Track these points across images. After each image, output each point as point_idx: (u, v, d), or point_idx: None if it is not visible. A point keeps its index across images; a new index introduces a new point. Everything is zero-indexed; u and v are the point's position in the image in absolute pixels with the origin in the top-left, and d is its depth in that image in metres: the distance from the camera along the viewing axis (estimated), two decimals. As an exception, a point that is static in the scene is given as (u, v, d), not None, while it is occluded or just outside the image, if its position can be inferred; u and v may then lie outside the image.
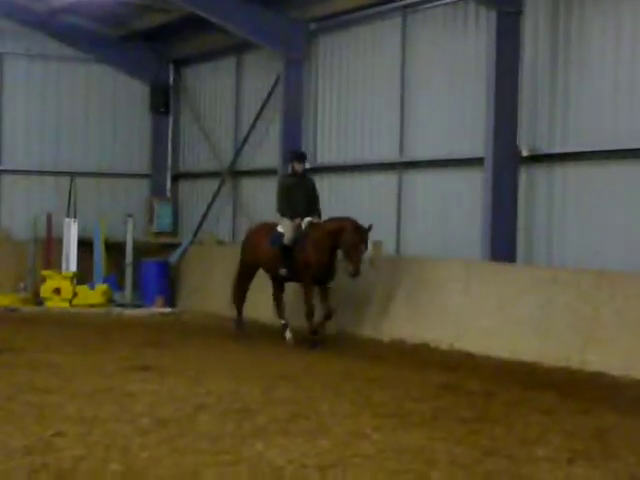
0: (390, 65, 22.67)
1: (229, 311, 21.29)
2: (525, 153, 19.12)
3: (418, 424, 11.42)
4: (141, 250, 27.26)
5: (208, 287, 25.01)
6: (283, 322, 19.70)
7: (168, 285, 26.23)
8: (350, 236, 17.93)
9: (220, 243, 27.44)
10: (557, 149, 18.71)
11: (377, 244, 20.59)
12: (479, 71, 19.68)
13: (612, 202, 17.51)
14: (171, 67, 30.39)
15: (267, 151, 26.29)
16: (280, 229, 19.36)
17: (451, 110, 20.93)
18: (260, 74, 26.80)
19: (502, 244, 18.87)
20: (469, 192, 20.09)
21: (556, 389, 13.82)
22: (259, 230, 20.51)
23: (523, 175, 19.25)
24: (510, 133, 18.97)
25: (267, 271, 19.92)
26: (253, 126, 26.98)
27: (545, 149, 18.94)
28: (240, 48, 27.22)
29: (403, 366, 15.84)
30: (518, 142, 19.10)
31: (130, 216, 27.06)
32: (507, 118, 18.93)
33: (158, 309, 25.17)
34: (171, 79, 30.39)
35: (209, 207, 28.72)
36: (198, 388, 13.48)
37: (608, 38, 17.87)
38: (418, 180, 22.03)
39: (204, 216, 28.78)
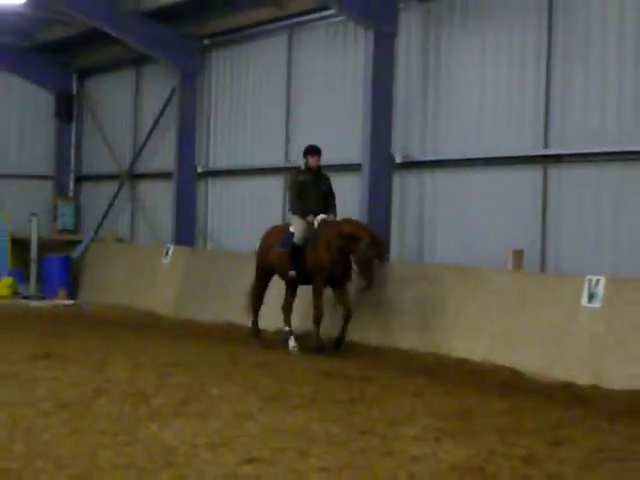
0: (277, 78, 22.73)
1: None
2: (399, 160, 19.31)
3: (299, 406, 11.45)
4: (46, 246, 26.95)
5: (108, 281, 24.83)
6: (288, 329, 17.12)
7: (70, 279, 25.96)
8: (367, 249, 15.50)
9: (119, 240, 27.32)
10: (427, 157, 18.93)
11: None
12: (358, 85, 19.80)
13: (476, 205, 17.78)
14: (75, 77, 30.06)
15: (163, 156, 26.19)
16: (292, 229, 16.89)
17: (333, 120, 21.02)
18: (157, 85, 26.70)
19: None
20: (349, 195, 20.19)
21: (426, 374, 13.97)
22: (271, 234, 17.77)
23: (397, 180, 19.45)
24: (385, 142, 19.14)
25: (280, 275, 17.30)
26: (150, 133, 26.85)
27: (417, 157, 19.15)
28: (139, 61, 27.08)
29: (288, 353, 15.89)
30: (392, 150, 19.29)
31: (34, 215, 26.73)
32: (383, 129, 19.09)
33: (61, 301, 24.88)
34: (75, 88, 30.09)
35: (109, 207, 28.50)
36: (98, 374, 13.34)
37: (473, 58, 18.15)
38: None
39: (104, 215, 28.57)
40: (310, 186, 16.82)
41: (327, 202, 16.90)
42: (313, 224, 16.53)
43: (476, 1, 18.14)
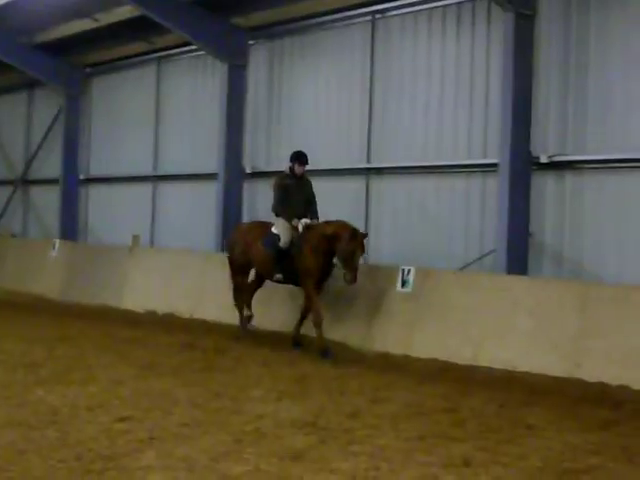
0: (147, 101, 22.65)
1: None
2: (248, 170, 19.36)
3: (165, 374, 11.40)
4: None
5: (3, 270, 24.33)
6: (248, 314, 15.11)
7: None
8: (347, 243, 13.38)
9: (13, 236, 26.84)
10: (273, 167, 18.98)
11: (136, 237, 20.50)
12: (215, 108, 19.79)
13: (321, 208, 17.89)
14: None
15: (51, 165, 25.81)
16: (275, 230, 14.49)
17: (194, 137, 21.02)
18: (46, 105, 26.45)
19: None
20: (207, 200, 20.18)
21: (270, 346, 14.00)
22: (252, 229, 15.28)
23: (246, 187, 19.49)
24: (237, 155, 19.25)
25: (260, 273, 15.07)
26: (40, 145, 26.51)
27: (263, 168, 19.21)
28: (32, 84, 26.71)
29: (155, 330, 15.77)
30: (243, 162, 19.35)
31: None
32: (235, 144, 19.22)
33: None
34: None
35: (4, 208, 28.01)
36: (-7, 348, 13.14)
37: (310, 87, 18.31)
38: (169, 190, 22.06)
39: (0, 215, 28.07)
40: (294, 190, 14.59)
41: (309, 207, 14.63)
42: (297, 228, 14.26)
43: (313, 40, 18.31)
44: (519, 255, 14.11)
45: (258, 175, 19.33)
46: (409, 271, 13.96)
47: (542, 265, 14.18)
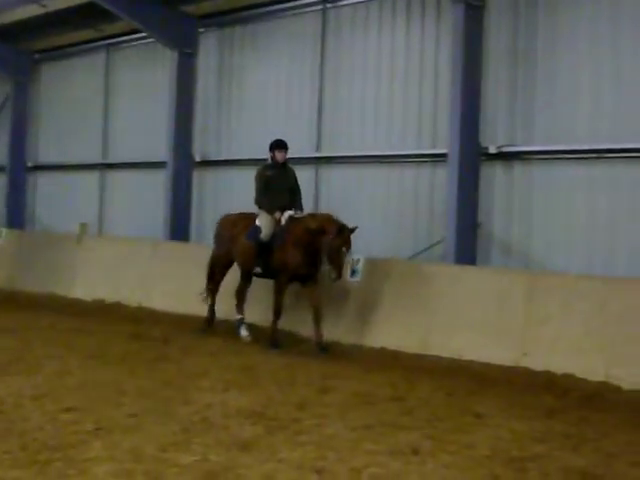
0: (97, 88, 22.46)
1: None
2: (198, 159, 19.27)
3: (112, 363, 11.32)
4: None
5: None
6: (240, 317, 14.37)
7: None
8: (333, 239, 12.72)
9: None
10: (222, 157, 18.96)
11: (84, 225, 20.37)
12: (164, 95, 19.67)
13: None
14: None
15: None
16: (258, 222, 13.86)
17: (144, 125, 20.88)
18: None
19: (180, 228, 19.02)
20: (156, 188, 20.07)
21: (220, 336, 13.97)
22: (237, 222, 14.53)
23: (196, 176, 19.40)
24: (187, 143, 19.14)
25: (241, 267, 14.36)
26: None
27: (213, 157, 19.14)
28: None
29: (103, 319, 15.67)
30: (192, 151, 19.26)
31: None
32: (184, 133, 19.12)
33: None
34: None
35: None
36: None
37: (261, 76, 18.27)
38: (118, 178, 21.91)
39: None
40: (276, 180, 13.91)
41: (293, 197, 13.96)
42: (280, 221, 13.63)
43: (264, 28, 18.25)
44: (468, 245, 14.18)
45: (207, 164, 19.26)
46: (358, 260, 13.97)
47: (490, 255, 14.26)
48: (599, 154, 13.02)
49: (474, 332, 12.32)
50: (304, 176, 17.15)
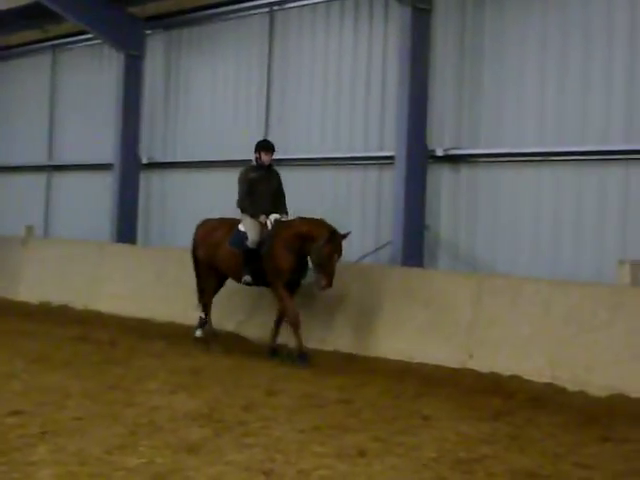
0: (42, 90, 22.31)
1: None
2: (145, 161, 19.19)
3: (58, 367, 11.20)
4: None
5: None
6: (202, 316, 13.84)
7: None
8: (324, 245, 11.99)
9: None
10: (168, 159, 18.90)
11: (29, 228, 20.19)
12: (111, 97, 19.56)
13: (207, 198, 17.84)
14: None
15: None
16: (242, 228, 13.06)
17: (90, 126, 20.77)
18: None
19: (126, 230, 18.92)
20: (103, 190, 19.96)
21: (165, 339, 13.90)
22: (218, 227, 13.70)
23: (143, 178, 19.31)
24: (133, 145, 19.11)
25: (228, 275, 13.54)
26: None
27: (160, 159, 19.06)
28: None
29: (49, 322, 15.51)
30: (140, 152, 19.16)
31: None
32: (131, 134, 19.08)
33: None
34: None
35: None
36: None
37: (207, 78, 18.24)
38: (64, 180, 21.75)
39: None
40: (261, 183, 13.12)
41: (278, 201, 13.24)
42: (266, 225, 12.91)
43: (211, 31, 18.24)
44: (415, 247, 14.23)
45: (154, 166, 19.19)
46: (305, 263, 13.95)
47: (437, 257, 14.33)
48: (544, 157, 13.13)
49: (422, 334, 12.36)
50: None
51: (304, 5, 16.53)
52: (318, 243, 12.08)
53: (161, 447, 7.51)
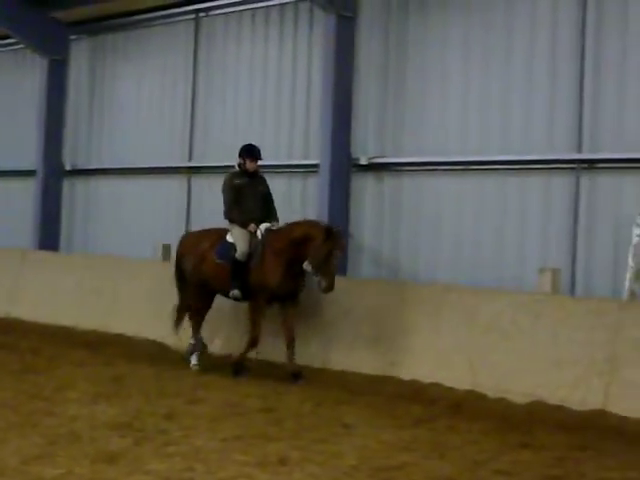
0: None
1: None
2: (68, 167, 19.00)
3: (-26, 377, 11.08)
4: None
5: None
6: (193, 342, 12.65)
7: None
8: (321, 244, 11.25)
9: None
10: (93, 166, 18.74)
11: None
12: (34, 103, 19.32)
13: (130, 205, 17.74)
14: None
15: None
16: (230, 239, 12.19)
17: (12, 133, 20.51)
18: None
19: (49, 237, 18.71)
20: (25, 196, 19.70)
21: (86, 347, 13.76)
22: (203, 238, 12.72)
23: (66, 184, 19.12)
24: (57, 152, 18.91)
25: (216, 291, 12.51)
26: None
27: (84, 165, 18.90)
28: None
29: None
30: (63, 159, 18.97)
31: None
32: (54, 141, 18.93)
33: None
34: None
35: None
36: None
37: (132, 84, 18.12)
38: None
39: None
40: (247, 190, 12.28)
41: (268, 207, 12.45)
42: (256, 235, 12.08)
43: (135, 36, 18.15)
44: (339, 256, 14.23)
45: (78, 173, 18.99)
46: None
47: (361, 266, 14.36)
48: (467, 166, 13.25)
49: (343, 342, 12.37)
50: (175, 187, 17.12)
51: (230, 12, 16.50)
52: (315, 243, 11.35)
53: (80, 457, 7.43)
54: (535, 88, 12.58)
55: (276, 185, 15.44)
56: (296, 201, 15.24)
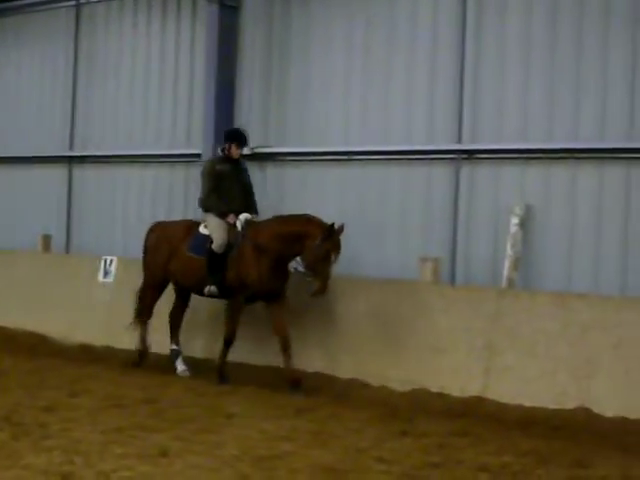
0: None
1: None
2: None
3: None
4: None
5: None
6: (174, 348, 12.01)
7: None
8: (320, 244, 10.45)
9: None
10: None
11: None
12: None
13: (10, 197, 17.41)
14: None
15: None
16: (204, 230, 11.47)
17: None
18: None
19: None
20: None
21: None
22: (174, 231, 11.96)
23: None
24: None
25: (188, 288, 11.81)
26: None
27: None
28: None
29: None
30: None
31: None
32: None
33: None
34: None
35: None
36: None
37: (11, 66, 17.79)
38: None
39: None
40: (230, 178, 11.61)
41: (248, 198, 11.83)
42: (235, 226, 11.37)
43: (14, 23, 17.84)
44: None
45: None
46: (112, 261, 13.78)
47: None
48: (349, 156, 13.32)
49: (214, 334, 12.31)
50: (57, 176, 16.84)
51: (111, 0, 16.28)
52: (312, 242, 10.57)
53: (-46, 453, 7.29)
54: (416, 80, 12.69)
55: (159, 175, 15.43)
56: (179, 190, 15.13)
